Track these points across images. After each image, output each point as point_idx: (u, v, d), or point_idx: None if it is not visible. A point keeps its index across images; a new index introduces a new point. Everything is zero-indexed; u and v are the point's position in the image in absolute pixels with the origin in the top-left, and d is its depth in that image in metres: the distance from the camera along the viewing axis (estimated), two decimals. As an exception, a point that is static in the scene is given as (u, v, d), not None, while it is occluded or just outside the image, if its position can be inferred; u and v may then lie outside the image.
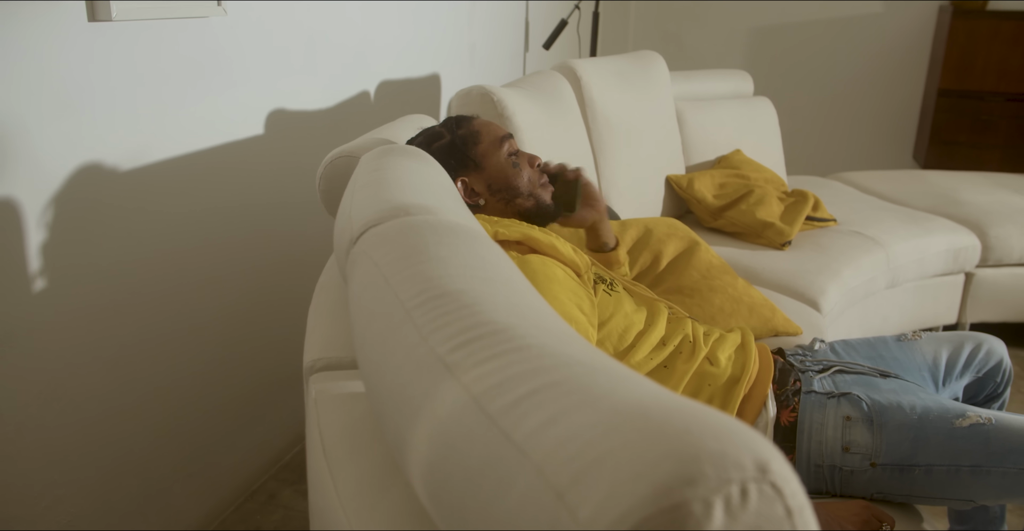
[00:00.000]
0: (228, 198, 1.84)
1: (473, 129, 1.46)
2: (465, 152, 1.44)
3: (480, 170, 1.44)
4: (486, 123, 1.49)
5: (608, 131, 2.43)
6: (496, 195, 1.45)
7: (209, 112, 1.75)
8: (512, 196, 1.45)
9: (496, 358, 0.56)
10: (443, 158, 1.42)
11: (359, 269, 0.77)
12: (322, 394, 0.90)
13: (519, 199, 1.45)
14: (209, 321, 1.82)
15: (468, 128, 1.46)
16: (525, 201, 1.46)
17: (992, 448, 1.26)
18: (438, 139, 1.46)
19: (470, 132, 1.46)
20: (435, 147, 1.44)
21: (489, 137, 1.46)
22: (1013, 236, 2.89)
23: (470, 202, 1.43)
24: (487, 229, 1.31)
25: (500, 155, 1.45)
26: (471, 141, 1.45)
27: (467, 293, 0.66)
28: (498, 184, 1.44)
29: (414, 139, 1.50)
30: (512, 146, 1.47)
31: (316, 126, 2.12)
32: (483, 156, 1.44)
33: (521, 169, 1.46)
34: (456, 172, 1.43)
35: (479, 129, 1.47)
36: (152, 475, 1.70)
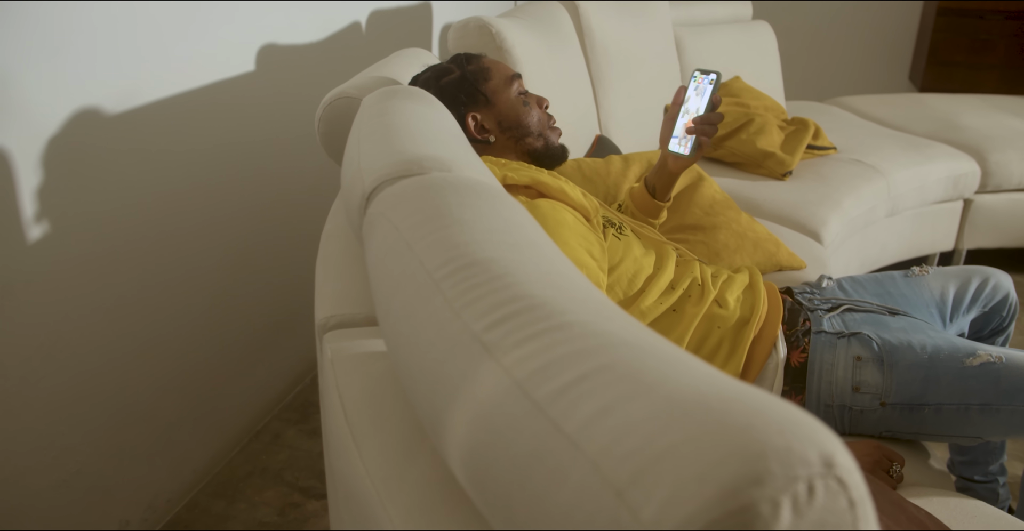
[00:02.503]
0: (222, 137, 1.79)
1: (483, 66, 1.44)
2: (476, 87, 1.41)
3: (491, 106, 1.42)
4: (495, 61, 1.47)
5: (607, 61, 2.36)
6: (506, 132, 1.42)
7: (198, 50, 1.68)
8: (522, 134, 1.42)
9: (536, 338, 0.53)
10: (453, 93, 1.40)
11: (378, 232, 0.74)
12: (338, 354, 0.88)
13: (529, 138, 1.43)
14: (208, 264, 1.79)
15: (478, 64, 1.44)
16: (535, 140, 1.43)
17: (1002, 387, 1.26)
18: (447, 74, 1.43)
19: (480, 68, 1.43)
20: (444, 82, 1.42)
21: (500, 74, 1.44)
22: (1013, 161, 2.87)
23: (480, 138, 1.41)
24: (495, 173, 1.27)
25: (510, 92, 1.43)
26: (482, 77, 1.42)
27: (497, 262, 0.63)
28: (508, 121, 1.42)
29: (421, 75, 1.46)
30: (521, 85, 1.45)
31: (308, 60, 2.05)
32: (494, 92, 1.42)
33: (531, 107, 1.43)
34: (466, 107, 1.41)
35: (489, 66, 1.44)
36: (158, 420, 1.69)
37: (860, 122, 3.18)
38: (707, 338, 1.35)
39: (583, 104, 2.19)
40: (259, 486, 1.83)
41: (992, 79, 4.27)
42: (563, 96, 2.06)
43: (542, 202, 1.24)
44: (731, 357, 1.34)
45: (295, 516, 1.74)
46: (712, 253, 1.79)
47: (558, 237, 1.20)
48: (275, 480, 1.85)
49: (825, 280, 1.58)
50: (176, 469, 1.76)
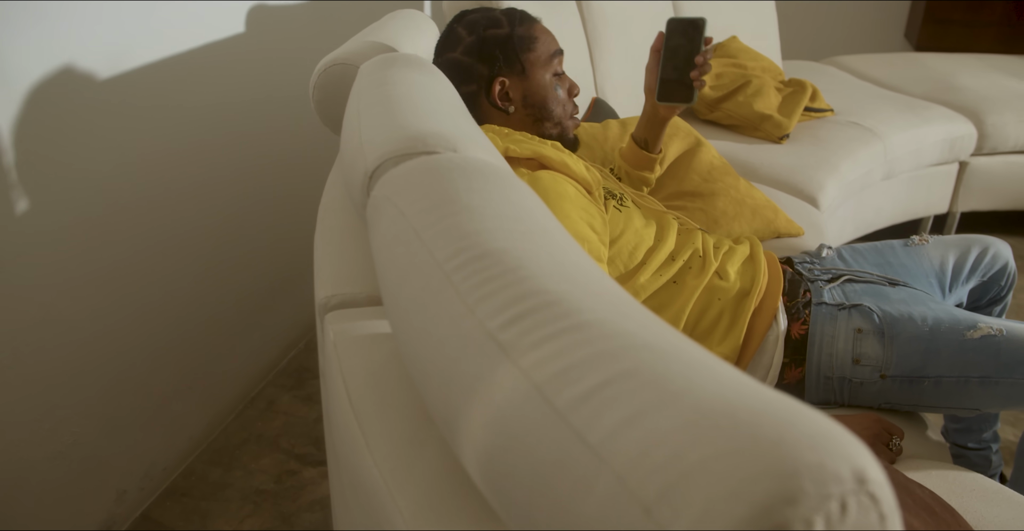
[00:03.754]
0: (212, 98, 1.75)
1: (533, 33, 1.37)
2: (517, 52, 1.34)
3: (524, 78, 1.36)
4: (545, 31, 1.39)
5: (603, 22, 2.31)
6: (528, 109, 1.37)
7: (187, 10, 1.62)
8: (543, 117, 1.38)
9: (555, 338, 0.52)
10: (491, 49, 1.34)
11: (384, 217, 0.72)
12: (341, 336, 0.87)
13: (548, 122, 1.39)
14: (201, 228, 1.76)
15: (528, 29, 1.37)
16: (552, 127, 1.39)
17: (1002, 360, 1.26)
18: (496, 26, 1.35)
19: (530, 34, 1.36)
20: (489, 33, 1.34)
21: (545, 48, 1.37)
22: (1009, 124, 2.85)
23: (500, 106, 1.36)
24: (497, 144, 1.24)
25: (548, 70, 1.37)
26: (527, 44, 1.35)
27: (509, 253, 0.61)
28: (535, 99, 1.37)
29: (469, 14, 1.39)
30: (560, 64, 1.39)
31: (299, 18, 2.00)
32: (532, 64, 1.36)
33: (560, 95, 1.38)
34: (499, 69, 1.34)
35: (538, 36, 1.37)
36: (152, 389, 1.68)
37: (857, 83, 3.15)
38: (707, 310, 1.34)
39: (580, 66, 2.15)
40: (255, 453, 1.83)
41: (988, 37, 4.22)
42: (560, 58, 2.02)
43: (543, 174, 1.22)
44: (731, 329, 1.33)
45: (291, 483, 1.74)
46: (710, 220, 1.77)
47: (559, 210, 1.18)
48: (271, 447, 1.85)
49: (825, 249, 1.57)
50: (171, 437, 1.75)
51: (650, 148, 1.58)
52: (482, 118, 1.38)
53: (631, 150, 1.61)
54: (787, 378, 1.34)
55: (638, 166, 1.61)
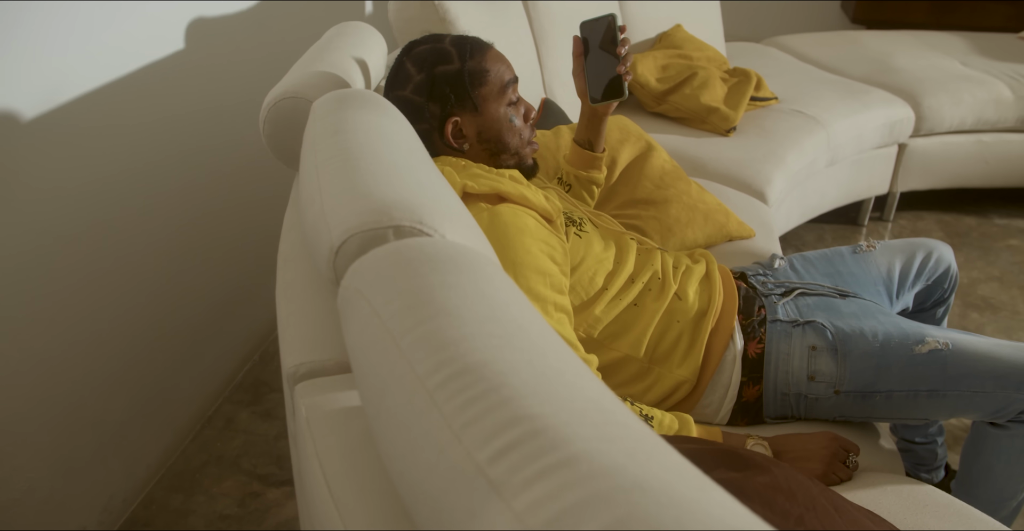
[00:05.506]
0: (155, 120, 1.69)
1: (484, 66, 1.32)
2: (468, 89, 1.30)
3: (477, 114, 1.32)
4: (497, 60, 1.34)
5: (549, 20, 2.29)
6: (483, 144, 1.34)
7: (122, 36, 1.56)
8: (499, 150, 1.35)
9: (546, 477, 0.52)
10: (441, 88, 1.29)
11: (357, 314, 0.71)
12: (313, 412, 0.86)
13: (504, 155, 1.36)
14: (147, 249, 1.71)
15: (479, 62, 1.31)
16: (509, 158, 1.37)
17: (949, 373, 1.31)
18: (446, 62, 1.30)
19: (480, 68, 1.31)
20: (439, 71, 1.30)
21: (496, 81, 1.33)
22: (945, 106, 2.92)
23: (454, 145, 1.32)
24: (454, 181, 1.23)
25: (501, 104, 1.33)
26: (478, 79, 1.31)
27: (490, 365, 0.61)
28: (489, 134, 1.34)
29: (417, 46, 1.33)
30: (514, 92, 1.35)
31: (240, 30, 1.94)
32: (484, 100, 1.32)
33: (516, 124, 1.35)
34: (451, 109, 1.31)
35: (489, 67, 1.32)
36: (107, 422, 1.65)
37: (799, 66, 3.18)
38: (666, 333, 1.36)
39: (528, 68, 2.13)
40: (216, 476, 1.81)
41: (920, 10, 4.30)
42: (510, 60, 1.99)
43: (503, 208, 1.22)
44: (690, 351, 1.36)
45: (256, 506, 1.73)
46: (664, 228, 1.79)
47: (520, 245, 1.18)
48: (232, 469, 1.83)
49: (777, 261, 1.60)
50: (129, 467, 1.72)
51: (594, 148, 1.61)
52: (437, 152, 1.35)
53: (576, 153, 1.62)
54: (745, 396, 1.37)
55: (585, 166, 1.63)
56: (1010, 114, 2.98)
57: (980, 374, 1.30)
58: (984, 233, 3.01)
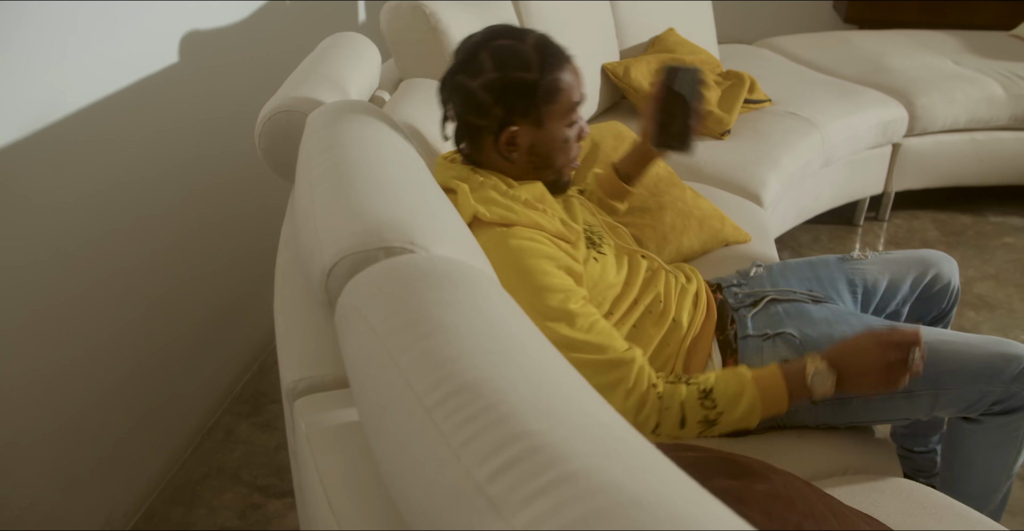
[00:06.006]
0: (151, 134, 1.70)
1: (559, 85, 1.27)
2: (538, 104, 1.26)
3: (537, 129, 1.28)
4: (573, 78, 1.29)
5: (541, 23, 2.30)
6: (531, 157, 1.31)
7: (117, 50, 1.57)
8: (544, 166, 1.33)
9: (545, 494, 0.52)
10: (513, 93, 1.24)
11: (355, 332, 0.71)
12: (313, 428, 0.86)
13: (546, 171, 1.34)
14: (145, 262, 1.72)
15: (557, 78, 1.26)
16: (550, 175, 1.35)
17: (922, 372, 1.31)
18: (524, 69, 1.24)
19: (555, 86, 1.26)
20: (516, 77, 1.24)
21: (566, 101, 1.28)
22: (938, 105, 2.92)
23: (501, 152, 1.29)
24: (466, 205, 1.22)
25: (563, 124, 1.30)
26: (551, 96, 1.26)
27: (487, 383, 0.62)
28: (541, 150, 1.31)
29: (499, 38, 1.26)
30: (577, 114, 1.32)
31: (234, 42, 1.94)
32: (549, 117, 1.28)
33: (569, 145, 1.33)
34: (515, 116, 1.26)
35: (563, 88, 1.27)
36: (107, 436, 1.65)
37: (792, 67, 3.19)
38: (658, 356, 1.36)
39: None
40: (217, 488, 1.81)
41: (912, 8, 4.31)
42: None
43: (518, 231, 1.21)
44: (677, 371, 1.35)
45: (257, 518, 1.74)
46: (659, 236, 1.79)
47: (537, 267, 1.19)
48: (232, 480, 1.83)
49: (754, 268, 1.59)
50: (130, 481, 1.72)
51: (630, 182, 1.60)
52: (478, 151, 1.32)
53: (610, 180, 1.60)
54: None
55: (612, 195, 1.62)
56: (1003, 112, 2.98)
57: (952, 371, 1.31)
58: (979, 231, 3.01)
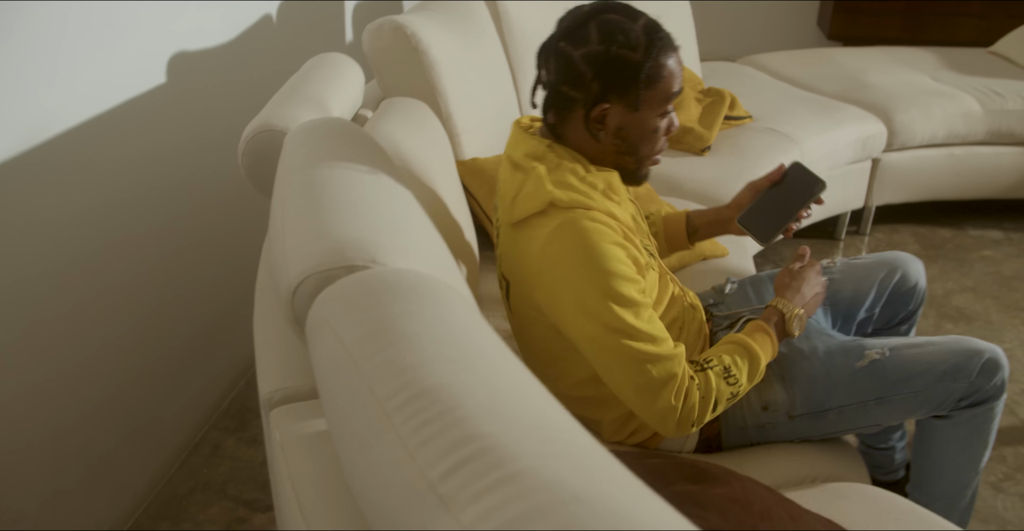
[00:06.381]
0: (140, 153, 1.73)
1: (662, 71, 1.22)
2: (638, 87, 1.21)
3: (630, 111, 1.24)
4: (676, 68, 1.25)
5: (525, 45, 2.34)
6: (617, 140, 1.27)
7: (105, 70, 1.61)
8: (627, 152, 1.29)
9: (491, 491, 0.56)
10: (614, 72, 1.20)
11: (324, 342, 0.75)
12: (287, 436, 0.89)
13: (629, 158, 1.30)
14: (132, 279, 1.75)
15: (662, 65, 1.22)
16: (632, 162, 1.31)
17: (890, 379, 1.37)
18: (632, 48, 1.19)
19: (658, 72, 1.22)
20: (621, 54, 1.19)
21: (665, 89, 1.24)
22: (916, 121, 2.98)
23: (589, 129, 1.25)
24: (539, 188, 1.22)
25: (656, 111, 1.25)
26: (652, 81, 1.22)
27: (446, 388, 0.65)
28: (628, 134, 1.26)
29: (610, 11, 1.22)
30: (671, 104, 1.28)
31: (221, 63, 1.98)
32: (645, 102, 1.23)
33: (658, 136, 1.29)
34: (609, 92, 1.22)
35: (665, 75, 1.23)
36: (93, 451, 1.67)
37: (773, 83, 3.24)
38: None
39: (503, 93, 2.18)
40: (203, 503, 1.84)
41: (895, 25, 4.39)
42: (482, 88, 2.04)
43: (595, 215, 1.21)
44: None
45: (243, 531, 1.76)
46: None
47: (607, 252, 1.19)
48: (218, 495, 1.86)
49: (728, 285, 1.63)
50: (116, 496, 1.74)
51: (691, 238, 1.59)
52: (562, 123, 1.28)
53: (676, 228, 1.58)
54: (705, 433, 1.40)
55: (669, 240, 1.59)
56: (980, 127, 3.04)
57: (919, 374, 1.37)
58: (959, 244, 3.06)
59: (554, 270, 1.21)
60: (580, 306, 1.20)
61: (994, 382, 1.38)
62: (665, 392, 1.22)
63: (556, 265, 1.21)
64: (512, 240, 1.29)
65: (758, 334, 1.33)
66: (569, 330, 1.25)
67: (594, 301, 1.19)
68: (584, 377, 1.34)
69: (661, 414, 1.23)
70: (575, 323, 1.23)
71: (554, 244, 1.20)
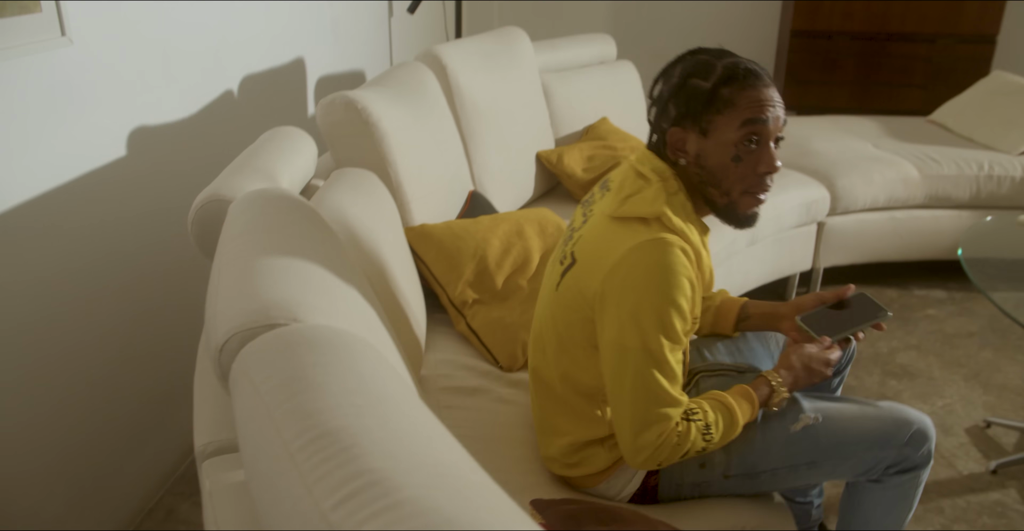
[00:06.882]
0: (99, 224, 1.80)
1: (735, 97, 1.27)
2: (707, 112, 1.28)
3: (702, 137, 1.30)
4: (754, 99, 1.27)
5: (476, 116, 2.46)
6: (697, 168, 1.31)
7: (66, 143, 1.69)
8: (709, 182, 1.31)
9: (376, 517, 0.62)
10: (686, 96, 1.29)
11: (242, 392, 0.81)
12: (216, 485, 0.95)
13: (713, 190, 1.32)
14: (86, 348, 1.80)
15: (734, 92, 1.27)
16: (719, 196, 1.32)
17: (822, 444, 1.43)
18: (703, 76, 1.29)
19: (729, 98, 1.27)
20: (692, 82, 1.29)
21: (738, 116, 1.27)
22: (857, 186, 3.12)
23: (671, 156, 1.32)
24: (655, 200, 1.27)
25: (732, 139, 1.27)
26: (720, 106, 1.27)
27: (346, 430, 0.72)
28: (706, 162, 1.30)
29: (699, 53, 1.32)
30: (756, 135, 1.27)
31: (181, 137, 2.08)
32: (715, 128, 1.28)
33: (742, 166, 1.28)
34: (683, 118, 1.31)
35: (739, 102, 1.27)
36: (46, 516, 1.69)
37: (721, 152, 3.38)
38: None
39: (454, 162, 2.28)
40: (155, 566, 1.85)
41: (843, 95, 4.60)
42: (434, 157, 2.14)
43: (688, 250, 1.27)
44: None
45: (193, 594, 1.77)
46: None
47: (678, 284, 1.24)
48: (171, 558, 1.87)
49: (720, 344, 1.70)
50: (68, 559, 1.76)
51: (739, 324, 1.63)
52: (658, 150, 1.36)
53: (729, 311, 1.63)
54: (643, 483, 1.45)
55: (716, 320, 1.64)
56: (918, 192, 3.19)
57: (850, 441, 1.42)
58: (904, 304, 3.17)
59: (630, 273, 1.25)
60: (634, 316, 1.25)
61: (922, 452, 1.44)
62: (654, 429, 1.28)
63: (634, 270, 1.25)
64: (603, 228, 1.31)
65: (744, 403, 1.37)
66: (607, 331, 1.29)
67: (648, 319, 1.25)
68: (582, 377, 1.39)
69: (639, 446, 1.29)
70: (619, 327, 1.27)
71: (642, 253, 1.24)
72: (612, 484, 1.45)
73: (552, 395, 1.45)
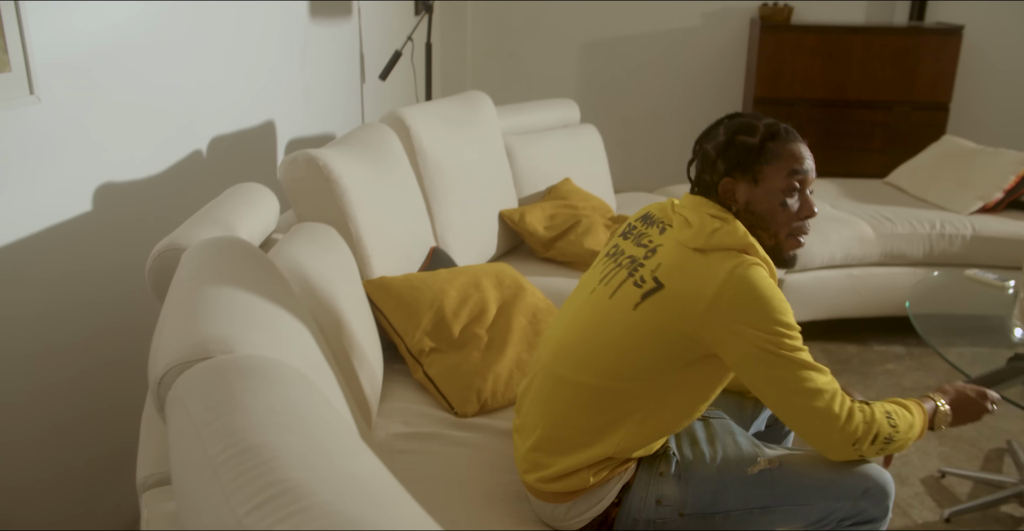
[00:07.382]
0: (63, 276, 1.85)
1: (779, 151, 1.44)
2: (755, 162, 1.45)
3: (753, 185, 1.46)
4: (797, 152, 1.46)
5: (440, 176, 2.55)
6: (748, 214, 1.47)
7: (32, 196, 1.75)
8: (759, 226, 1.47)
9: (285, 520, 0.66)
10: (735, 151, 1.45)
11: (175, 416, 0.86)
12: (154, 515, 0.98)
13: (763, 232, 1.47)
14: (44, 398, 1.82)
15: (778, 146, 1.45)
16: (768, 238, 1.48)
17: (776, 491, 1.47)
18: (748, 133, 1.46)
19: (774, 150, 1.44)
20: (739, 139, 1.46)
21: (785, 166, 1.44)
22: (814, 244, 3.21)
23: (725, 203, 1.47)
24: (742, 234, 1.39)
25: (780, 186, 1.45)
26: (768, 157, 1.44)
27: (267, 446, 0.76)
28: (757, 208, 1.46)
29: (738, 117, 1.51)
30: (800, 184, 1.46)
31: (147, 193, 2.14)
32: (765, 176, 1.45)
33: (788, 210, 1.46)
34: (732, 169, 1.46)
35: (783, 155, 1.45)
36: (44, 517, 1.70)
37: (683, 212, 3.48)
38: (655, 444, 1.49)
39: (416, 219, 2.35)
40: (108, 618, 1.84)
41: (808, 159, 4.75)
42: (394, 215, 2.21)
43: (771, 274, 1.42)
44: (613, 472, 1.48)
45: None
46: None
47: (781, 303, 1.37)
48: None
49: None
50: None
51: None
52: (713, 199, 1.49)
53: None
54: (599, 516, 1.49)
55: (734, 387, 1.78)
56: (874, 250, 3.29)
57: (804, 489, 1.47)
58: (864, 359, 3.23)
59: (741, 292, 1.34)
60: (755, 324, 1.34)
61: (879, 507, 1.48)
62: (825, 397, 1.36)
63: (745, 289, 1.35)
64: (688, 258, 1.39)
65: (913, 406, 1.48)
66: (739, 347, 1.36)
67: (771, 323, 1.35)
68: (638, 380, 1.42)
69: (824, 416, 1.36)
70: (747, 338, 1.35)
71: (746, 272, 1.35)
72: (577, 505, 1.48)
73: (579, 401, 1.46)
